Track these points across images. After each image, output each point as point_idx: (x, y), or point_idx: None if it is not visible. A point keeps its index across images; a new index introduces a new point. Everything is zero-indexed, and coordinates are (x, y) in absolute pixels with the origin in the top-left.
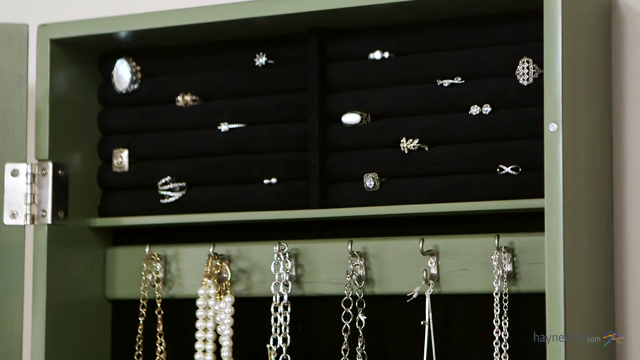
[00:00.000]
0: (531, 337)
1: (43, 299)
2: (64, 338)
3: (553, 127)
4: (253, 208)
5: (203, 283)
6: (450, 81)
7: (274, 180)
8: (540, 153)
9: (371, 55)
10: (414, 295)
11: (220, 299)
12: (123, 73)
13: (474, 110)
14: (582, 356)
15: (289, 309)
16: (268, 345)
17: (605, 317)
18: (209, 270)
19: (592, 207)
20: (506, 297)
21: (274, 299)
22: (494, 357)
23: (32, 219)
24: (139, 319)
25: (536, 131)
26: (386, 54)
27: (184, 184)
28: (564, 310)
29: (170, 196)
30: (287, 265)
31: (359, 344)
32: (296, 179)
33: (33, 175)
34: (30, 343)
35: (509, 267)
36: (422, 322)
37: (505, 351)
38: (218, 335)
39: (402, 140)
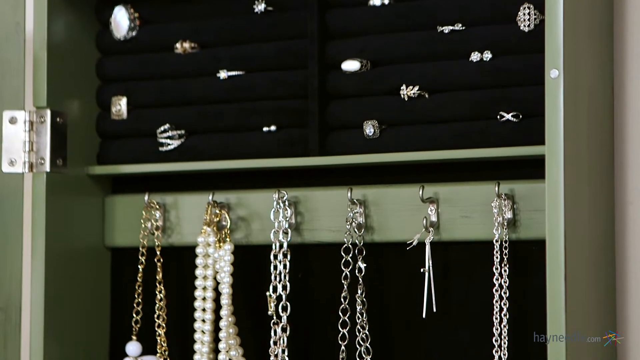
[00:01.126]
0: (531, 284)
1: (42, 247)
2: (64, 286)
3: (554, 74)
4: (252, 156)
5: (202, 231)
6: (451, 27)
7: (273, 127)
8: (541, 100)
9: (371, 2)
10: (414, 243)
11: (220, 246)
12: (121, 20)
13: (475, 57)
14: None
15: (288, 257)
16: (268, 293)
17: (607, 269)
18: (208, 218)
19: (593, 154)
20: (506, 245)
21: (273, 247)
22: (493, 305)
23: (31, 166)
24: (139, 267)
25: (537, 78)
26: (386, 0)
27: (182, 131)
28: (564, 259)
29: (169, 144)
30: (287, 213)
31: (359, 292)
32: (295, 126)
33: (31, 123)
34: (30, 292)
35: (509, 215)
36: (421, 270)
37: (505, 298)
38: (217, 283)
39: (402, 88)
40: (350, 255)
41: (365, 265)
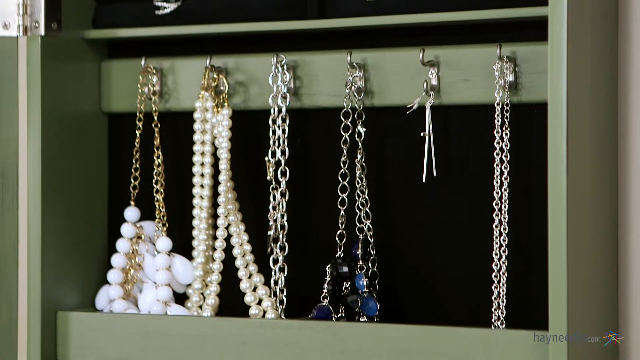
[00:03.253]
0: (532, 147)
1: (38, 112)
2: (61, 152)
3: None
4: (250, 19)
5: (200, 96)
6: None
7: None
8: None
9: None
10: (414, 107)
11: (218, 111)
12: None
13: None
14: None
15: (287, 122)
16: (266, 158)
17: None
18: (205, 82)
19: (595, 17)
20: (507, 108)
21: (272, 112)
22: (494, 168)
23: (25, 30)
24: (136, 132)
25: None
26: None
27: None
28: (566, 122)
29: (165, 7)
30: (285, 77)
31: (358, 156)
32: None
33: None
34: (27, 158)
35: (510, 77)
36: (422, 134)
37: (506, 162)
38: (216, 149)
39: None
40: (350, 119)
41: (364, 129)
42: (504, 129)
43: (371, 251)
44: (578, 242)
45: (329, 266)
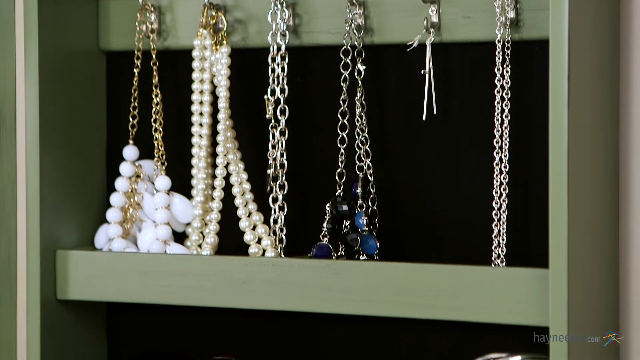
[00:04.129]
0: (533, 85)
1: (35, 50)
2: (59, 91)
3: None
4: None
5: (198, 34)
6: None
7: None
8: None
9: None
10: (414, 44)
11: (217, 49)
12: None
13: None
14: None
15: (286, 60)
16: (266, 97)
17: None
18: (204, 20)
19: None
20: (508, 45)
21: (271, 50)
22: (495, 106)
23: None
24: (134, 71)
25: None
26: None
27: None
28: (567, 59)
29: None
30: (285, 15)
31: (358, 94)
32: None
33: None
34: (25, 96)
35: (512, 14)
36: (422, 72)
37: (507, 99)
38: (215, 87)
39: None
40: (350, 57)
41: (364, 67)
42: (504, 66)
43: (371, 190)
44: (579, 181)
45: (328, 205)
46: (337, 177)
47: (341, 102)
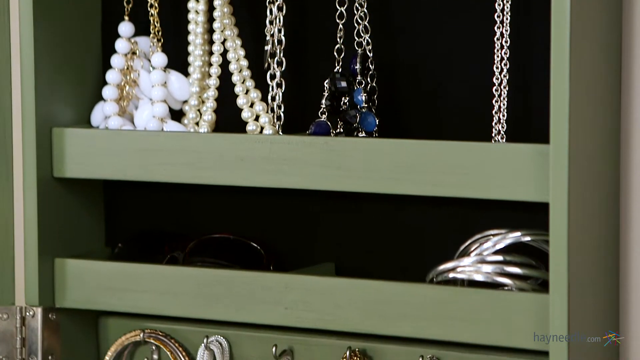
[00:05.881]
0: None
1: None
2: None
3: None
4: None
5: None
6: None
7: None
8: None
9: None
10: None
11: None
12: None
13: None
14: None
15: None
16: None
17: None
18: None
19: None
20: None
21: None
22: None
23: None
24: None
25: None
26: None
27: None
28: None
29: None
30: None
31: None
32: None
33: None
34: None
35: None
36: None
37: None
38: None
39: None
40: None
41: None
42: None
43: (370, 66)
44: (580, 57)
45: (327, 81)
46: (335, 54)
47: None
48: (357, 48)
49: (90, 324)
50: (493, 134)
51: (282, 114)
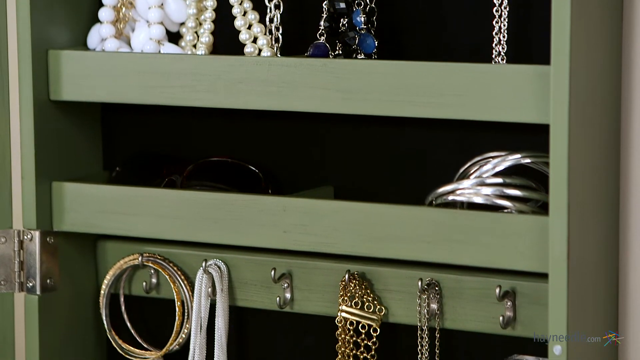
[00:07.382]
0: None
1: None
2: None
3: None
4: None
5: None
6: None
7: None
8: None
9: None
10: None
11: None
12: None
13: None
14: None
15: None
16: None
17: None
18: None
19: None
20: None
21: None
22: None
23: None
24: None
25: None
26: None
27: None
28: None
29: None
30: None
31: None
32: None
33: None
34: None
35: None
36: None
37: None
38: None
39: None
40: None
41: None
42: None
43: None
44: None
45: (325, 2)
46: None
47: None
48: None
49: (89, 248)
50: (493, 55)
51: (280, 36)
